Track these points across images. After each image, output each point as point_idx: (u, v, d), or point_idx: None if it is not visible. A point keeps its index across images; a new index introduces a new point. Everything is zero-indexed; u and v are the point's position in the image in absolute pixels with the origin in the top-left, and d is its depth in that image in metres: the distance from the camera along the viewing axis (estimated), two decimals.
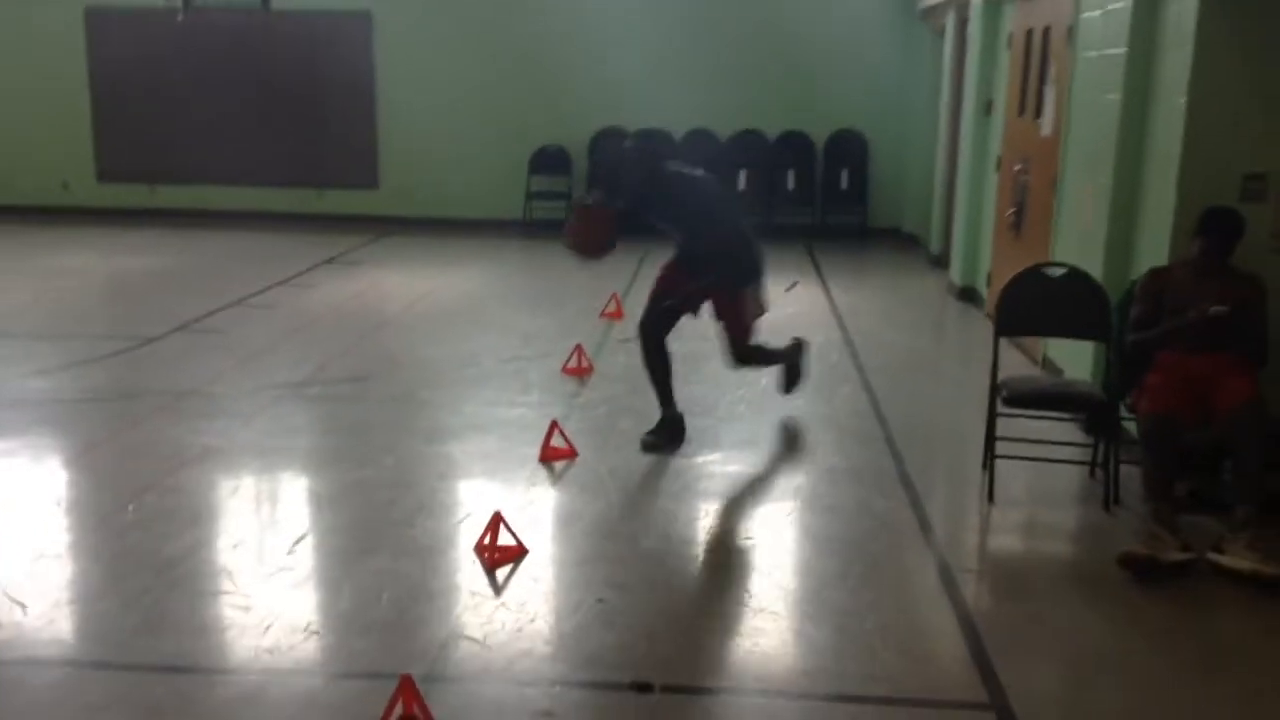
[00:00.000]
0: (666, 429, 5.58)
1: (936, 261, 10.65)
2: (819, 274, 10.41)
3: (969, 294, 9.15)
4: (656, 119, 12.35)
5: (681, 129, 12.45)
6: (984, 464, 5.04)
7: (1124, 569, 4.19)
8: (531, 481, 5.07)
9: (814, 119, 12.46)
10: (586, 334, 7.43)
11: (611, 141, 12.34)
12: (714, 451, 5.54)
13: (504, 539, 4.27)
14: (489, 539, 4.26)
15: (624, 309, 8.15)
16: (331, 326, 8.24)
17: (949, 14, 10.33)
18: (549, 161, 12.68)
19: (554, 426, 5.40)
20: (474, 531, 4.40)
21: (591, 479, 5.05)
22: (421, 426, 5.95)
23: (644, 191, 5.46)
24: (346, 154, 13.01)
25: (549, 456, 5.33)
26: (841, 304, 9.06)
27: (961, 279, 9.28)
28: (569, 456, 5.35)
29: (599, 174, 5.24)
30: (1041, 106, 7.29)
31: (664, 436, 5.55)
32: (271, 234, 12.17)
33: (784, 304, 9.06)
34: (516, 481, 5.07)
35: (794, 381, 6.12)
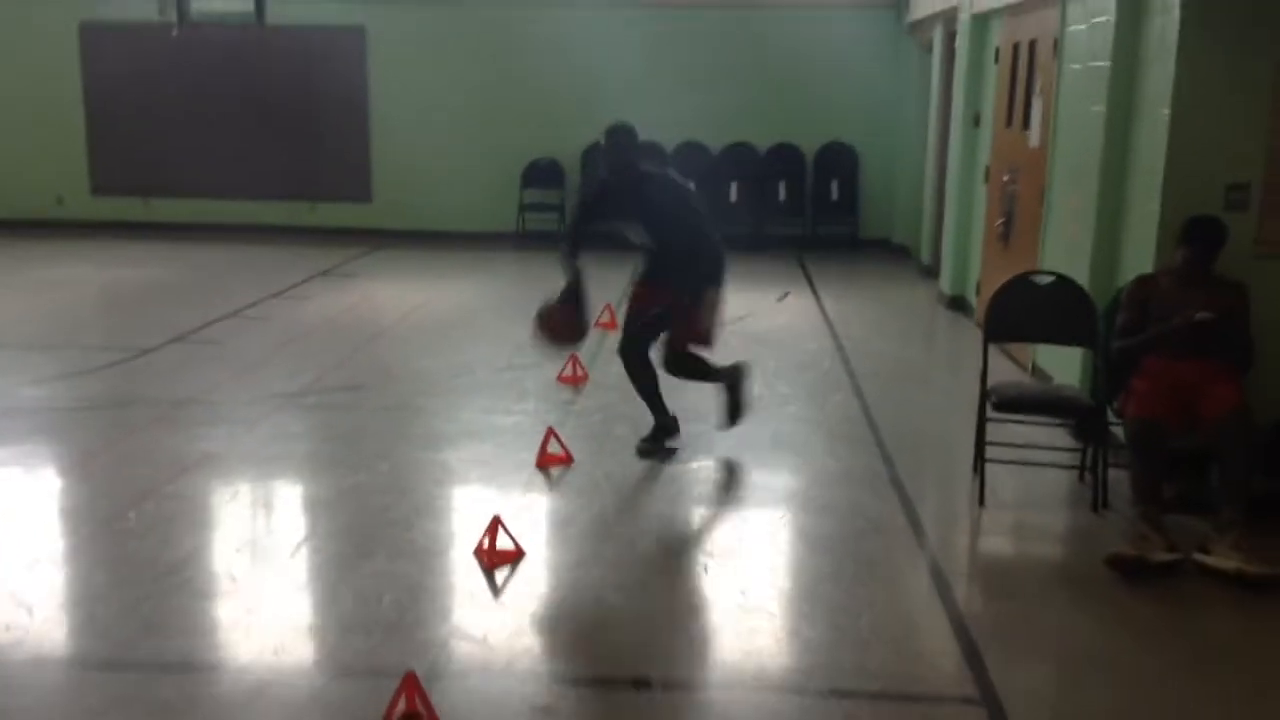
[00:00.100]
0: (660, 435, 5.64)
1: (927, 271, 10.75)
2: (810, 284, 10.49)
3: (959, 303, 9.24)
4: (648, 132, 12.42)
5: (673, 141, 12.54)
6: (974, 468, 5.11)
7: (1112, 569, 4.27)
8: (528, 487, 5.13)
9: (804, 131, 12.56)
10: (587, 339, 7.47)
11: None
12: (708, 457, 5.61)
13: (502, 542, 4.33)
14: (487, 542, 4.33)
15: (617, 319, 8.21)
16: (326, 338, 8.29)
17: (937, 28, 10.45)
18: (541, 174, 12.76)
19: (550, 433, 5.46)
20: (472, 535, 4.45)
21: (587, 484, 5.11)
22: (417, 434, 6.00)
23: (615, 185, 5.42)
24: (340, 167, 13.07)
25: (545, 462, 5.39)
26: (833, 313, 9.14)
27: (951, 288, 9.38)
28: (565, 462, 5.41)
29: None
30: (1029, 118, 7.40)
31: (658, 442, 5.62)
32: (265, 247, 12.22)
33: (776, 313, 9.20)
34: (513, 487, 5.13)
35: (736, 414, 5.67)
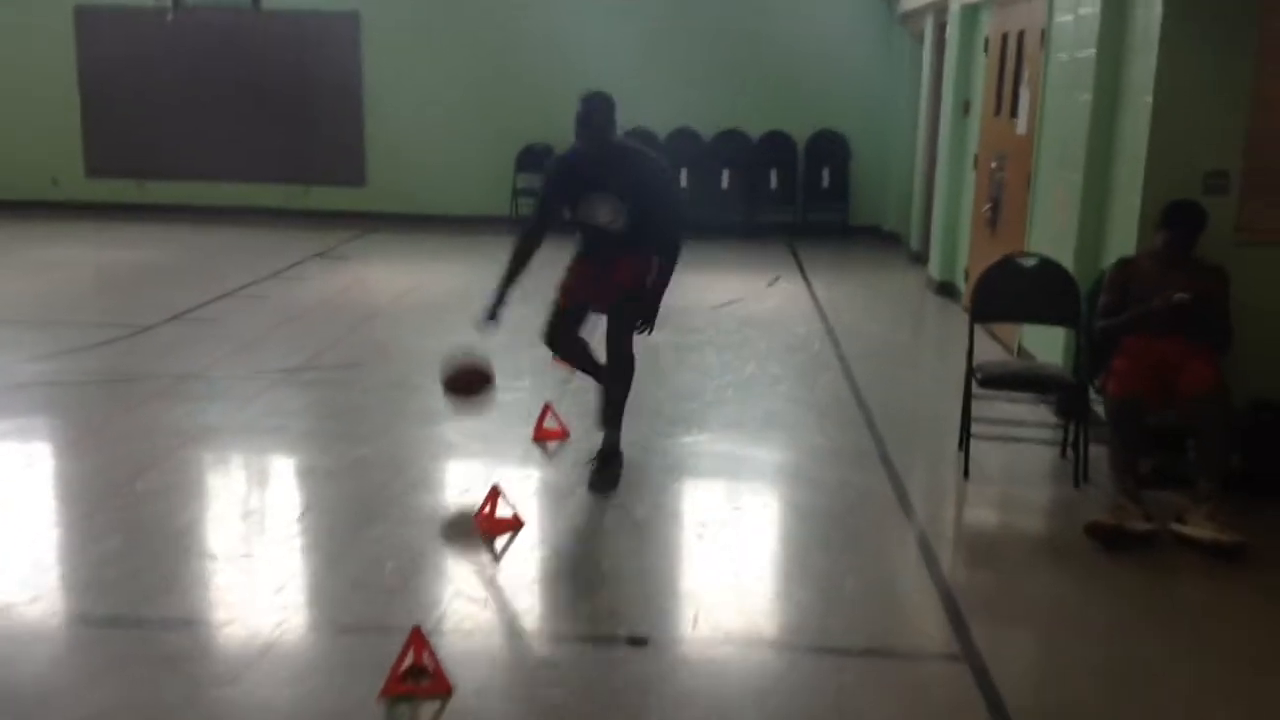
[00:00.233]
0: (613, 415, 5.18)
1: (916, 258, 10.89)
2: (801, 270, 10.62)
3: (947, 288, 9.39)
4: (641, 118, 12.56)
5: (666, 129, 12.66)
6: (960, 444, 5.25)
7: (1091, 537, 4.42)
8: (526, 459, 5.26)
9: (796, 119, 12.68)
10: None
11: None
12: (701, 433, 5.74)
13: (501, 511, 4.46)
14: (487, 510, 4.45)
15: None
16: (322, 317, 8.39)
17: (928, 18, 10.58)
18: (535, 159, 12.81)
19: (547, 408, 5.59)
20: (472, 505, 4.58)
21: (584, 457, 5.22)
22: (415, 410, 6.11)
23: (590, 154, 4.93)
24: (334, 151, 13.14)
25: (542, 437, 5.52)
26: (823, 298, 9.27)
27: (940, 274, 9.52)
28: (561, 437, 5.53)
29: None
30: (1017, 106, 7.53)
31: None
32: (259, 229, 12.29)
33: (767, 297, 9.34)
34: (511, 459, 5.25)
35: (608, 480, 4.96)
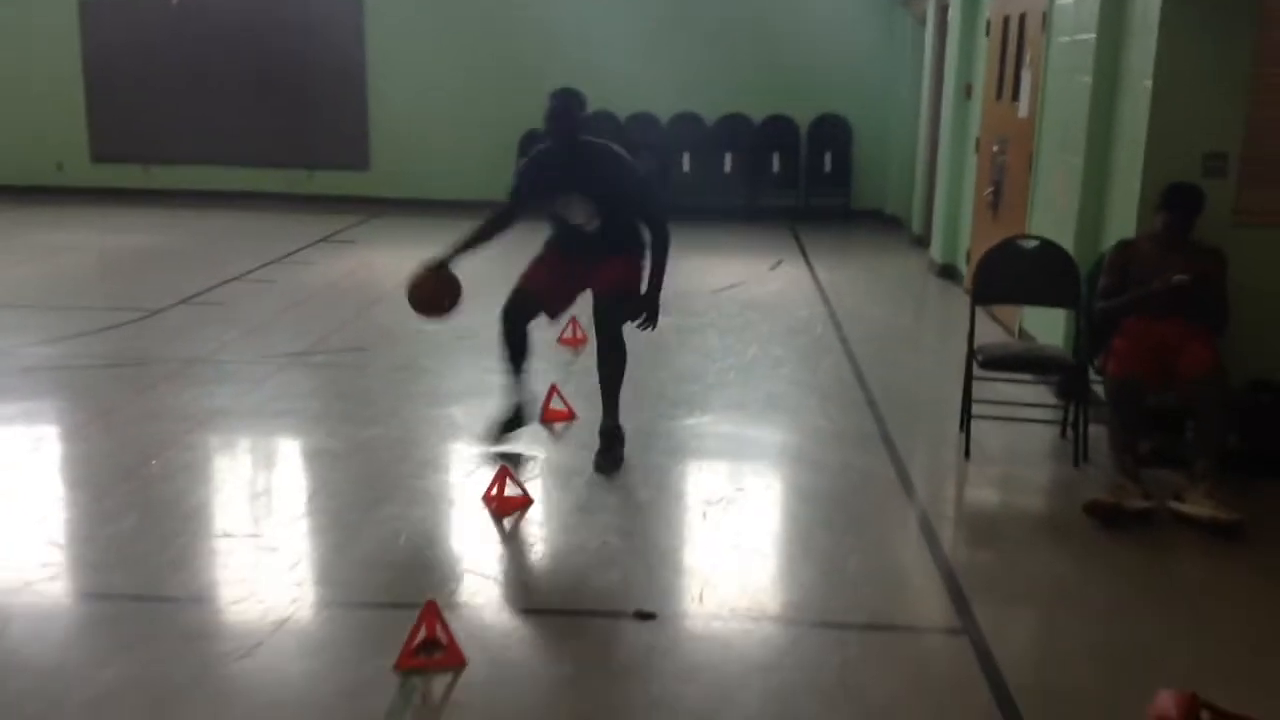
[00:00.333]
0: (512, 422, 5.18)
1: (918, 241, 10.94)
2: (803, 254, 10.68)
3: (949, 271, 9.44)
4: (644, 103, 12.63)
5: (668, 113, 12.71)
6: (961, 425, 5.32)
7: (1090, 516, 4.49)
8: (533, 439, 5.33)
9: (798, 103, 12.71)
10: (580, 307, 7.64)
11: (600, 125, 12.60)
12: (704, 415, 5.81)
13: (510, 490, 4.54)
14: (496, 490, 4.53)
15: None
16: (328, 302, 8.46)
17: (930, 1, 10.60)
18: (538, 144, 12.86)
19: (553, 390, 5.66)
20: (480, 485, 4.66)
21: (590, 438, 5.27)
22: (423, 392, 6.19)
23: (558, 152, 5.10)
24: (337, 136, 13.19)
25: (549, 418, 5.59)
26: (825, 282, 9.32)
27: (942, 257, 9.57)
28: (567, 418, 5.61)
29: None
30: (1018, 89, 7.57)
31: (508, 427, 5.17)
32: (264, 214, 12.35)
33: (770, 281, 9.40)
34: (518, 440, 5.32)
35: (612, 461, 4.99)
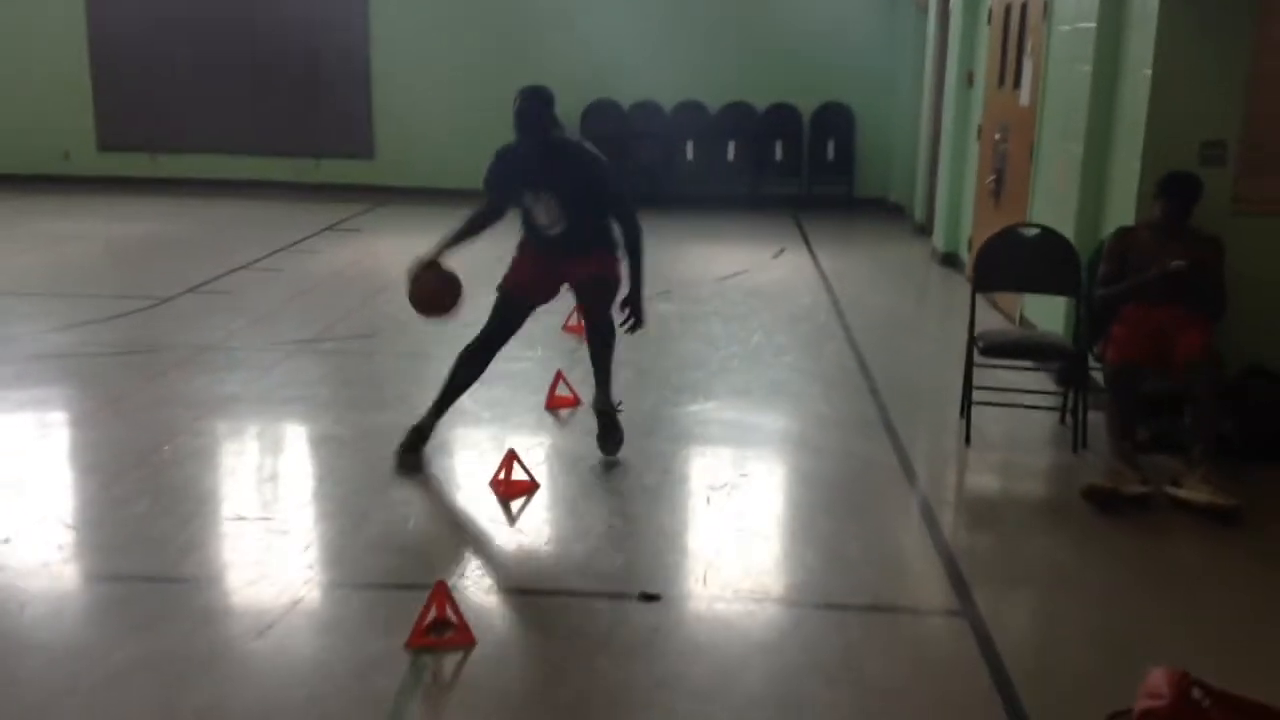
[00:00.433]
0: (417, 439, 4.98)
1: (921, 229, 10.99)
2: (806, 242, 10.73)
3: (951, 259, 9.50)
4: (648, 91, 12.68)
5: (672, 101, 12.75)
6: (962, 411, 5.39)
7: (1088, 501, 4.56)
8: (539, 426, 5.41)
9: (801, 91, 12.74)
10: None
11: (604, 113, 12.67)
12: (709, 401, 5.89)
13: (517, 474, 4.62)
14: (503, 474, 4.61)
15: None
16: (336, 289, 8.53)
17: None
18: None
19: (559, 376, 5.73)
20: (488, 470, 4.74)
21: (595, 424, 5.36)
22: (431, 378, 6.18)
23: (528, 152, 5.06)
24: (343, 124, 13.22)
25: (555, 404, 5.67)
26: (828, 269, 9.38)
27: (944, 245, 9.62)
28: (573, 405, 5.68)
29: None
30: (1020, 78, 7.62)
31: (413, 447, 4.96)
32: (270, 202, 12.40)
33: (772, 269, 9.46)
34: (525, 426, 5.41)
35: (614, 439, 5.00)
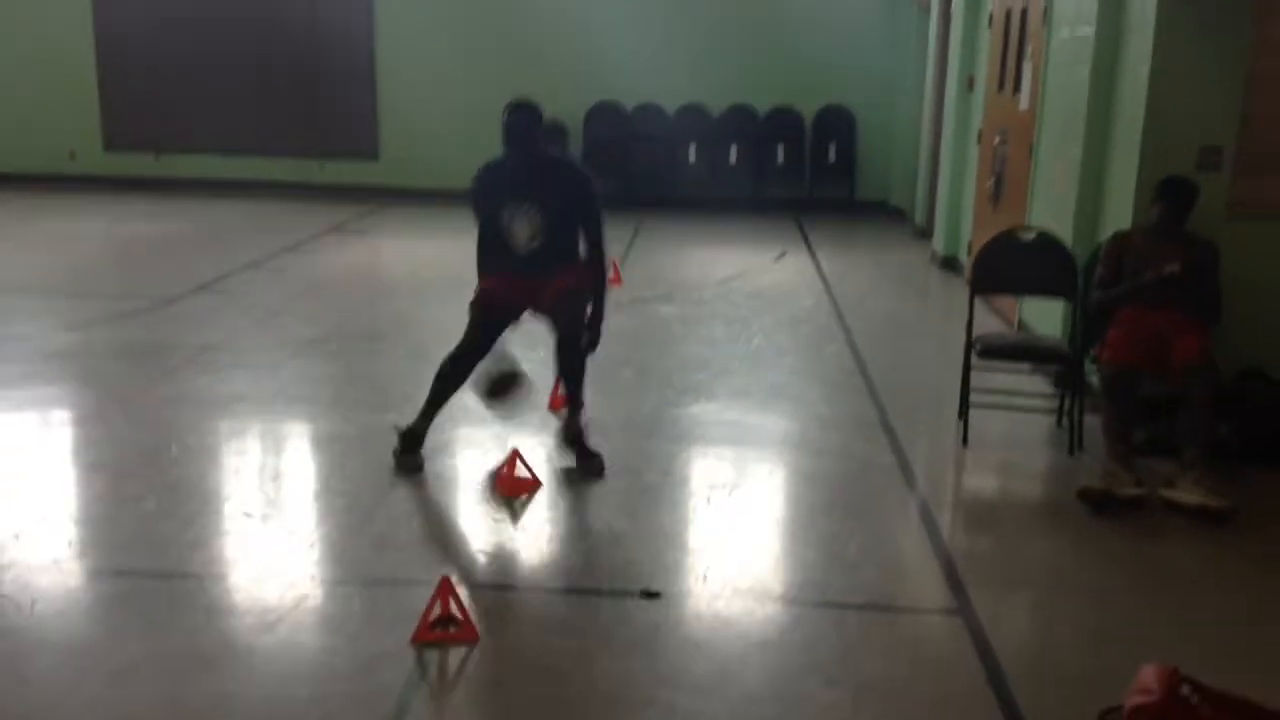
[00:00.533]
0: (412, 442, 4.97)
1: (921, 233, 11.04)
2: (807, 245, 10.80)
3: (951, 263, 9.56)
4: (650, 94, 12.75)
5: (674, 104, 12.82)
6: (960, 413, 5.44)
7: (1083, 502, 4.62)
8: (542, 426, 5.47)
9: (803, 95, 12.81)
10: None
11: (607, 115, 12.75)
12: (710, 402, 5.95)
13: (520, 472, 4.68)
14: (506, 472, 4.67)
15: (621, 275, 8.54)
16: (341, 290, 8.60)
17: None
18: (546, 135, 12.97)
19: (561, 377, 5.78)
20: (492, 468, 4.81)
21: (597, 424, 5.41)
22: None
23: (515, 165, 5.11)
24: (347, 125, 13.30)
25: (558, 404, 5.71)
26: (829, 272, 9.45)
27: (944, 249, 9.68)
28: None
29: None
30: (1020, 82, 7.69)
31: (408, 452, 4.94)
32: (275, 203, 12.48)
33: (774, 271, 9.52)
34: (529, 426, 5.46)
35: (595, 462, 4.92)
